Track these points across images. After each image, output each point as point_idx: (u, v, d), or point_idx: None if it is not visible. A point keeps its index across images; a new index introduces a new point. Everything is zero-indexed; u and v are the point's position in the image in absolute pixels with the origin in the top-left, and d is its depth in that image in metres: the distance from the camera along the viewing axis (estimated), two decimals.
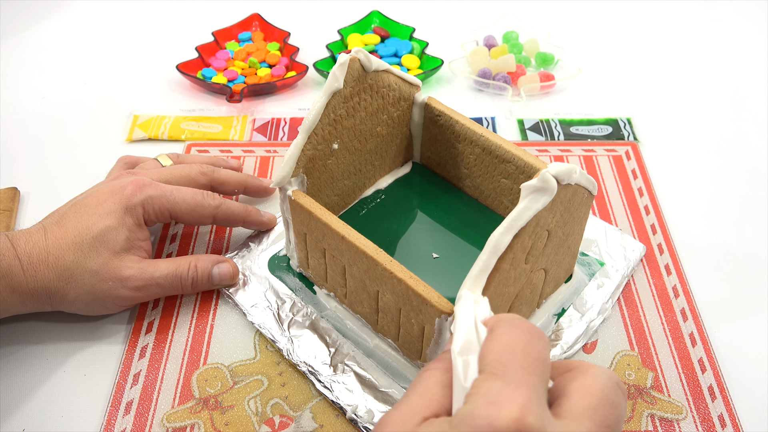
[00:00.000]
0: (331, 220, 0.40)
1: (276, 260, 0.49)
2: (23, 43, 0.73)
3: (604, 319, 0.46)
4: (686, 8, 0.80)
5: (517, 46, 0.70)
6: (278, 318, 0.45)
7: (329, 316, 0.45)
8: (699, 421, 0.41)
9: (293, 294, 0.46)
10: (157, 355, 0.44)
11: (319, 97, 0.42)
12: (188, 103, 0.65)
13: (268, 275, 0.48)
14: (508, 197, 0.48)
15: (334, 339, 0.44)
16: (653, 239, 0.52)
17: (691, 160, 0.60)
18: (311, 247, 0.44)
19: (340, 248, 0.41)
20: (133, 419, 0.41)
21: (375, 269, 0.39)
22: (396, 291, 0.39)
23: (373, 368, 0.42)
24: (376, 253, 0.39)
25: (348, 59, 0.42)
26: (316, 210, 0.41)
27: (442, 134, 0.49)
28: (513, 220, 0.35)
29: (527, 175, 0.45)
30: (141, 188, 0.45)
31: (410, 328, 0.40)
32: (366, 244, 0.39)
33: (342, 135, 0.45)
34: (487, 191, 0.49)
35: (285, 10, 0.76)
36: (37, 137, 0.61)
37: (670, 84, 0.69)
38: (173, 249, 0.51)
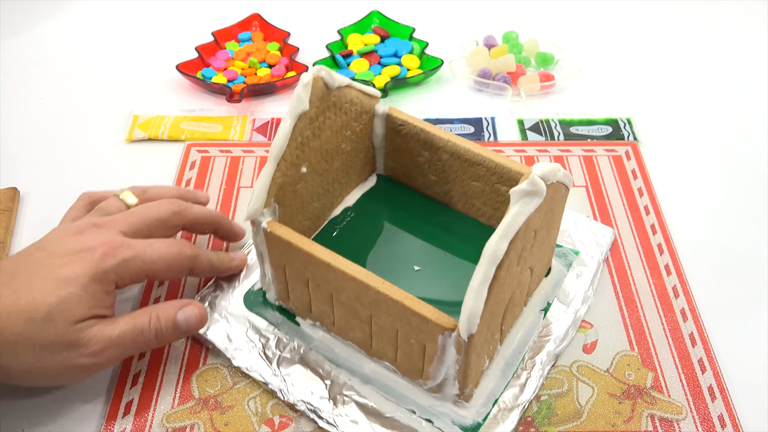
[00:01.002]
0: (314, 248, 0.39)
1: (251, 296, 0.46)
2: (23, 43, 0.73)
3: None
4: (686, 8, 0.80)
5: (517, 46, 0.70)
6: (265, 357, 0.42)
7: (318, 347, 0.43)
8: (699, 421, 0.41)
9: (276, 329, 0.44)
10: (157, 355, 0.44)
11: (285, 122, 0.40)
12: (188, 103, 0.65)
13: (246, 313, 0.45)
14: (480, 199, 0.48)
15: (328, 370, 0.42)
16: (653, 239, 0.52)
17: (691, 160, 0.60)
18: (292, 278, 0.42)
19: (326, 277, 0.39)
20: (133, 419, 0.41)
21: (367, 294, 0.38)
22: (392, 313, 0.37)
23: (374, 395, 0.41)
24: (367, 278, 0.37)
25: (311, 79, 0.41)
26: (296, 240, 0.39)
27: (406, 144, 0.49)
28: (507, 227, 0.34)
29: (498, 176, 0.45)
30: (113, 251, 0.39)
31: (410, 348, 0.39)
32: (355, 270, 0.38)
33: (310, 157, 0.43)
34: (457, 196, 0.49)
35: (285, 10, 0.76)
36: (37, 137, 0.61)
37: (670, 84, 0.69)
38: None
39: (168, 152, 0.59)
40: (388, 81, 0.65)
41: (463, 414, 0.40)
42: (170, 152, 0.59)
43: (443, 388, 0.40)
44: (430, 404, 0.40)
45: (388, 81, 0.65)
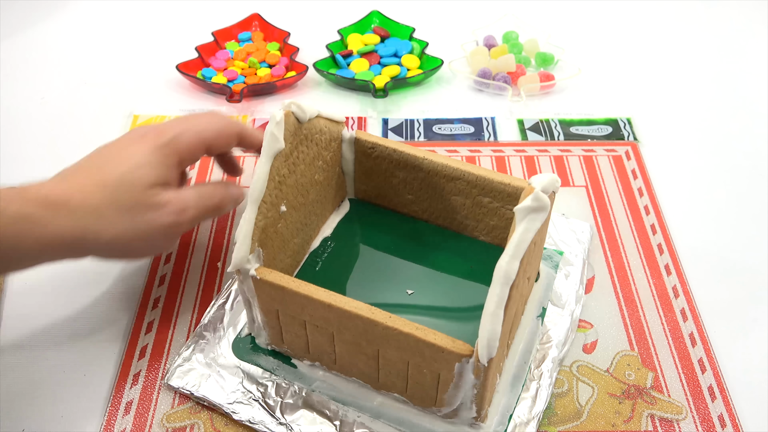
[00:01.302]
0: (310, 290, 0.37)
1: (240, 343, 0.44)
2: (23, 43, 0.73)
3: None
4: (686, 8, 0.80)
5: (517, 46, 0.70)
6: (267, 407, 0.40)
7: (320, 387, 0.41)
8: (699, 421, 0.41)
9: (272, 375, 0.42)
10: (157, 355, 0.44)
11: (262, 163, 0.39)
12: (188, 103, 0.65)
13: (238, 362, 0.43)
14: (461, 213, 0.47)
15: (335, 410, 0.40)
16: (653, 239, 0.52)
17: (691, 160, 0.60)
18: (286, 321, 0.40)
19: (327, 317, 0.37)
20: (133, 419, 0.41)
21: (374, 330, 0.36)
22: (402, 346, 0.36)
23: (387, 428, 0.39)
24: (372, 314, 0.36)
25: (283, 115, 0.40)
26: (290, 284, 0.37)
27: (378, 165, 0.47)
28: (517, 246, 0.34)
29: (480, 188, 0.44)
30: (164, 131, 0.42)
31: (422, 378, 0.37)
32: (358, 306, 0.36)
33: (287, 195, 0.42)
34: (437, 212, 0.48)
35: (285, 10, 0.76)
36: (37, 137, 0.61)
37: (670, 84, 0.69)
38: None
39: None
40: (388, 81, 0.65)
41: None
42: None
43: (459, 412, 0.39)
44: (445, 430, 0.39)
45: (388, 81, 0.65)
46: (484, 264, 0.46)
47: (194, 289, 0.48)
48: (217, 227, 0.52)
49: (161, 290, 0.48)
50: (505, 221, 0.46)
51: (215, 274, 0.49)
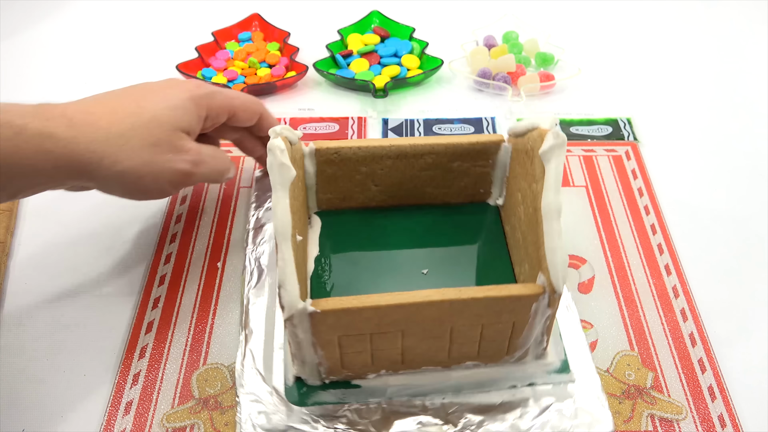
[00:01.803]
0: (375, 300, 0.36)
1: (293, 392, 0.41)
2: (23, 43, 0.73)
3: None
4: (686, 8, 0.80)
5: (517, 46, 0.70)
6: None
7: (396, 392, 0.41)
8: (699, 421, 0.41)
9: (344, 404, 0.40)
10: (157, 355, 0.44)
11: (281, 196, 0.37)
12: None
13: (305, 411, 0.40)
14: (430, 185, 0.48)
15: (421, 404, 0.40)
16: (653, 239, 0.52)
17: (691, 160, 0.60)
18: (348, 344, 0.38)
19: (396, 319, 0.37)
20: (133, 419, 0.41)
21: (447, 309, 0.36)
22: (476, 313, 0.37)
23: (474, 395, 0.40)
24: (443, 295, 0.36)
25: (280, 143, 0.38)
26: (353, 303, 0.36)
27: (341, 169, 0.47)
28: (555, 181, 0.37)
29: (449, 155, 0.46)
30: (202, 85, 0.45)
31: (495, 335, 0.39)
32: (427, 294, 0.36)
33: (297, 222, 0.40)
34: (406, 192, 0.48)
35: (285, 10, 0.76)
36: None
37: (670, 84, 0.69)
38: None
39: None
40: (388, 81, 0.65)
41: (549, 361, 0.42)
42: None
43: (528, 352, 0.41)
44: (522, 372, 0.42)
45: (388, 81, 0.65)
46: (468, 222, 0.49)
47: (194, 289, 0.48)
48: (217, 227, 0.52)
49: (161, 290, 0.48)
50: (475, 177, 0.48)
51: (215, 274, 0.49)
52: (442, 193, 0.49)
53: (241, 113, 0.47)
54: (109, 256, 0.50)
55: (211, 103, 0.44)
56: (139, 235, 0.52)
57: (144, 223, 0.53)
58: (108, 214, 0.53)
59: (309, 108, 0.65)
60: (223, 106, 0.46)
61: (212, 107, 0.45)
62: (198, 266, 0.50)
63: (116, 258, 0.50)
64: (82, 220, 0.53)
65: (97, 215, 0.53)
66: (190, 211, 0.54)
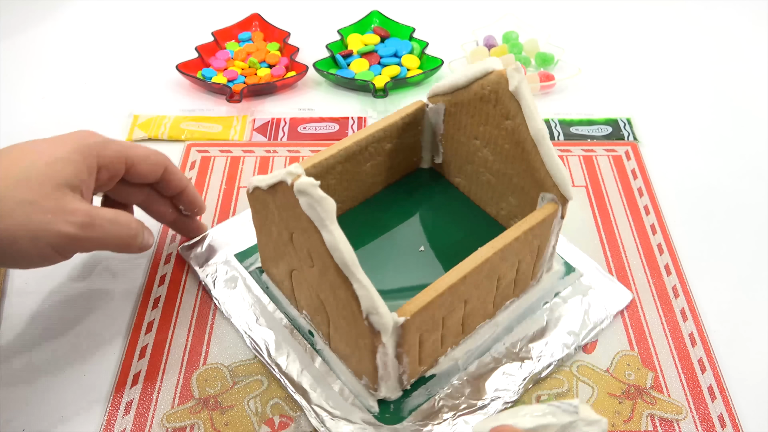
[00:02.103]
0: (442, 283, 0.37)
1: (386, 413, 0.40)
2: (23, 43, 0.73)
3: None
4: (686, 8, 0.80)
5: (517, 46, 0.70)
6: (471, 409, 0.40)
7: (467, 362, 0.43)
8: (699, 421, 0.41)
9: (436, 398, 0.41)
10: (157, 355, 0.44)
11: (335, 227, 0.34)
12: (188, 103, 0.65)
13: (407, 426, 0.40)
14: (385, 166, 0.49)
15: (495, 357, 0.43)
16: (653, 239, 0.52)
17: (691, 160, 0.60)
18: (426, 338, 0.39)
19: (460, 292, 0.38)
20: (133, 419, 0.41)
21: (500, 257, 0.39)
22: (513, 252, 0.40)
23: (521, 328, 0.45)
24: (490, 248, 0.39)
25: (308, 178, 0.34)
26: (429, 294, 0.36)
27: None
28: (532, 109, 0.40)
29: (387, 138, 0.47)
30: (94, 134, 0.41)
31: (527, 265, 0.43)
32: (474, 256, 0.38)
33: None
34: (368, 185, 0.50)
35: (285, 10, 0.76)
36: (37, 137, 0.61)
37: (670, 84, 0.69)
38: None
39: (168, 152, 0.59)
40: (388, 81, 0.65)
41: (557, 269, 0.48)
42: (170, 152, 0.59)
43: (544, 270, 0.46)
44: (545, 289, 0.46)
45: (388, 81, 0.65)
46: (427, 189, 0.52)
47: (194, 289, 0.48)
48: None
49: (161, 290, 0.48)
50: (406, 150, 0.50)
51: None
52: (384, 179, 0.50)
53: (141, 165, 0.42)
54: (109, 255, 0.50)
55: (102, 152, 0.40)
56: None
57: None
58: None
59: (309, 108, 0.65)
60: (118, 155, 0.41)
61: (105, 156, 0.40)
62: None
63: (116, 258, 0.50)
64: None
65: None
66: None
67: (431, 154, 0.52)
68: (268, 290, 0.46)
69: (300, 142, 0.61)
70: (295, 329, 0.44)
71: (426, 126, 0.49)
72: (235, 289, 0.46)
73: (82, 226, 0.37)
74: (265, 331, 0.44)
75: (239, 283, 0.47)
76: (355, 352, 0.39)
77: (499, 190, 0.47)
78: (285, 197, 0.35)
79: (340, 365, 0.42)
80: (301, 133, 0.62)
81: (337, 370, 0.42)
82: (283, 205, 0.36)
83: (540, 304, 0.46)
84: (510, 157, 0.44)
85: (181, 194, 0.47)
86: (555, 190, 0.41)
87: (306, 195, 0.33)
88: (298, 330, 0.44)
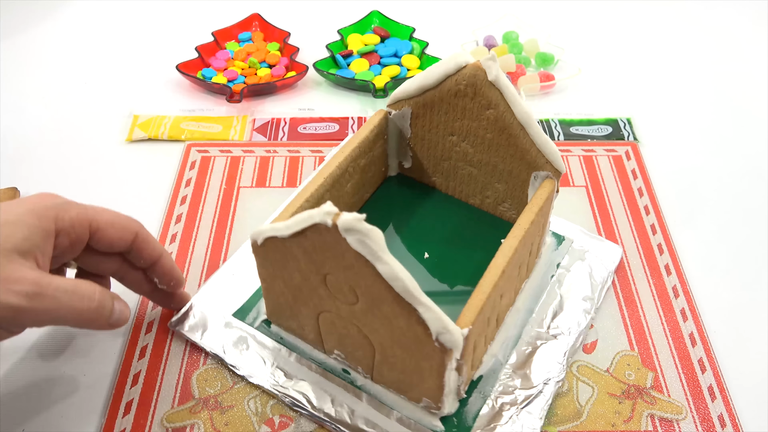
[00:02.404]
0: (489, 280, 0.37)
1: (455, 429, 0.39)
2: (23, 43, 0.73)
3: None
4: (686, 8, 0.80)
5: (517, 46, 0.70)
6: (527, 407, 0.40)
7: (504, 354, 0.43)
8: (699, 421, 0.41)
9: (492, 398, 0.41)
10: (157, 355, 0.44)
11: (388, 261, 0.32)
12: (188, 103, 0.65)
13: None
14: (351, 194, 0.47)
15: (526, 340, 0.44)
16: (653, 239, 0.52)
17: (691, 160, 0.60)
18: (478, 342, 0.39)
19: (500, 285, 0.38)
20: (133, 419, 0.41)
21: (523, 246, 0.40)
22: (531, 235, 0.41)
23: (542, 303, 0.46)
24: (514, 237, 0.39)
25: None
26: (479, 298, 0.36)
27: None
28: (515, 93, 0.41)
29: (360, 156, 0.46)
30: (56, 196, 0.37)
31: (536, 244, 0.44)
32: (504, 248, 0.39)
33: None
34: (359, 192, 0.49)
35: (285, 10, 0.76)
36: (37, 137, 0.61)
37: (670, 84, 0.69)
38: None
39: (168, 152, 0.59)
40: (388, 81, 0.65)
41: (550, 241, 0.50)
42: (170, 152, 0.59)
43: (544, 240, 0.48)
44: (546, 263, 0.48)
45: (388, 81, 0.65)
46: (404, 196, 0.51)
47: (194, 289, 0.48)
48: (217, 227, 0.52)
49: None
50: (375, 158, 0.48)
51: None
52: (360, 197, 0.49)
53: (107, 230, 0.38)
54: None
55: (62, 215, 0.36)
56: None
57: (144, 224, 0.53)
58: None
59: (309, 108, 0.65)
60: (81, 219, 0.36)
61: (64, 219, 0.36)
62: (198, 266, 0.50)
63: None
64: None
65: None
66: (190, 211, 0.54)
67: (398, 161, 0.51)
68: (283, 341, 0.43)
69: (300, 142, 0.61)
70: (328, 372, 0.42)
71: (391, 133, 0.48)
72: (249, 350, 0.43)
73: (30, 296, 0.33)
74: (299, 384, 0.41)
75: (250, 342, 0.43)
76: (414, 376, 0.38)
77: (482, 180, 0.48)
78: (321, 239, 0.33)
79: (391, 395, 0.41)
80: (301, 133, 0.62)
81: (389, 401, 0.40)
82: (318, 247, 0.34)
83: (548, 279, 0.47)
84: (494, 146, 0.45)
85: (155, 265, 0.42)
86: (549, 167, 0.42)
87: (354, 231, 0.31)
88: (331, 372, 0.42)
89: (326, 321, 0.40)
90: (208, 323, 0.44)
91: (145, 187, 0.56)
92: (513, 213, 0.48)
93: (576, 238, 0.50)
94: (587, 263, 0.48)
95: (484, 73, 0.41)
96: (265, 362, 0.43)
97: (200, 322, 0.45)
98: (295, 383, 0.41)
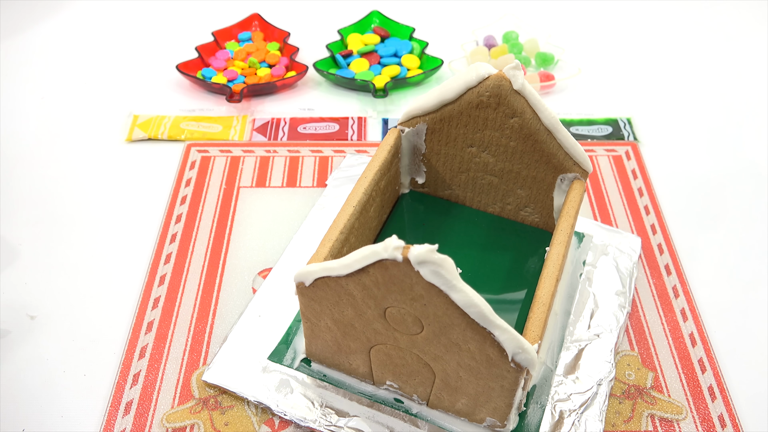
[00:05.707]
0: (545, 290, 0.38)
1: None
2: (23, 43, 0.73)
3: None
4: (686, 8, 0.80)
5: (517, 46, 0.70)
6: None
7: (552, 361, 0.43)
8: (699, 421, 0.41)
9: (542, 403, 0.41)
10: (157, 355, 0.44)
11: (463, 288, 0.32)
12: (188, 103, 0.65)
13: None
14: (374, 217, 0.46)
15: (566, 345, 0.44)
16: (653, 239, 0.52)
17: (691, 160, 0.60)
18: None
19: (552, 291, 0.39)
20: (133, 419, 0.41)
21: (565, 252, 0.41)
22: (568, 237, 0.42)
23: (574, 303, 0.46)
24: (559, 244, 0.40)
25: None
26: (540, 309, 0.37)
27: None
28: (540, 100, 0.41)
29: (381, 178, 0.44)
30: None
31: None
32: (552, 256, 0.39)
33: None
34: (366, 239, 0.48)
35: (285, 10, 0.76)
36: (37, 137, 0.61)
37: (670, 84, 0.69)
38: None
39: (168, 152, 0.59)
40: (388, 81, 0.65)
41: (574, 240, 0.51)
42: (170, 152, 0.59)
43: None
44: (575, 261, 0.49)
45: (388, 81, 0.65)
46: (421, 211, 0.50)
47: (194, 289, 0.48)
48: (217, 227, 0.52)
49: (161, 290, 0.48)
50: (391, 178, 0.47)
51: (215, 274, 0.49)
52: (380, 218, 0.48)
53: None
54: (109, 255, 0.50)
55: None
56: (139, 235, 0.52)
57: (144, 224, 0.53)
58: (108, 214, 0.54)
59: (309, 108, 0.65)
60: None
61: None
62: (198, 266, 0.50)
63: (116, 258, 0.50)
64: (83, 221, 0.53)
65: (97, 217, 0.53)
66: (190, 211, 0.54)
67: (411, 177, 0.50)
68: (327, 378, 0.42)
69: (300, 142, 0.61)
70: (379, 403, 0.41)
71: (404, 151, 0.48)
72: (293, 393, 0.41)
73: None
74: (353, 421, 0.40)
75: (292, 384, 0.42)
76: (480, 398, 0.37)
77: (503, 188, 0.47)
78: (387, 274, 0.32)
79: (451, 419, 0.40)
80: (301, 133, 0.62)
81: (449, 425, 0.40)
82: (381, 282, 0.33)
83: (577, 278, 0.47)
84: (518, 153, 0.44)
85: None
86: (577, 168, 0.43)
87: (428, 263, 0.30)
88: (383, 403, 0.41)
89: (380, 353, 0.38)
90: (245, 371, 0.42)
91: (145, 187, 0.56)
92: (536, 217, 0.48)
93: (594, 234, 0.50)
94: (611, 257, 0.49)
95: (509, 82, 0.41)
96: (314, 403, 0.41)
97: (236, 371, 0.42)
98: (349, 420, 0.40)
